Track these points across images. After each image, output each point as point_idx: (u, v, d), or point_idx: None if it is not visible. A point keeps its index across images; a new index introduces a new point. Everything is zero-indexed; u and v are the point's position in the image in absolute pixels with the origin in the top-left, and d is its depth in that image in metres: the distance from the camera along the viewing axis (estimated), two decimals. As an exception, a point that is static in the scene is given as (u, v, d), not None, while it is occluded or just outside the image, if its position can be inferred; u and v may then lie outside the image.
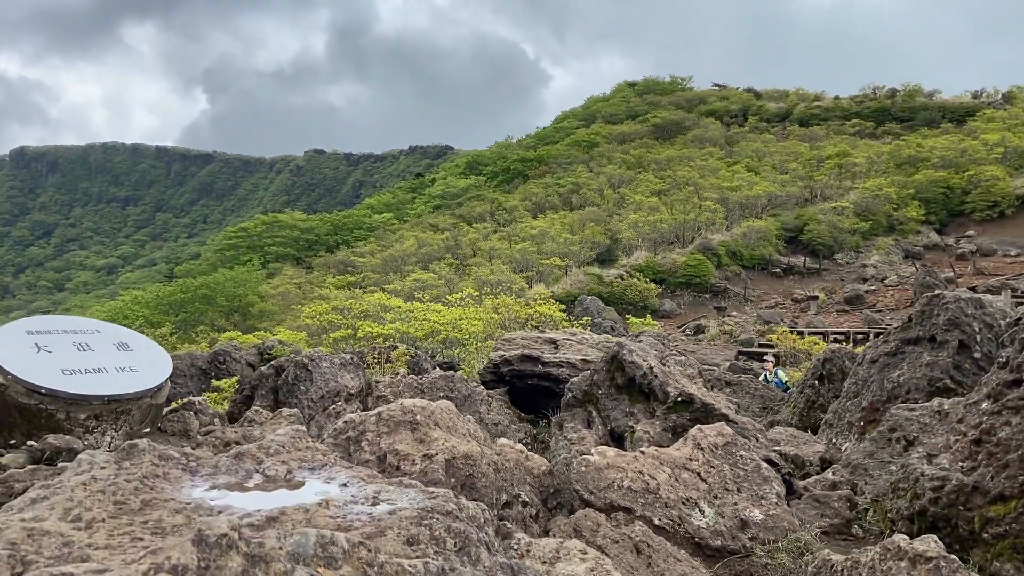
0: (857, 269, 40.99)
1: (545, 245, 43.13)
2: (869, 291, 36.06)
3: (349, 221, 78.87)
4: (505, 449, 4.29)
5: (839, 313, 33.29)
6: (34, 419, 4.23)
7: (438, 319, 13.51)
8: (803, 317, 32.49)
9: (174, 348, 27.60)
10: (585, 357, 8.84)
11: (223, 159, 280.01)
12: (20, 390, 4.19)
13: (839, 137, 65.62)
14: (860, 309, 33.29)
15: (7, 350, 4.27)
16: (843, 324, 30.36)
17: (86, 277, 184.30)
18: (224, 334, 27.05)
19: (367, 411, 4.07)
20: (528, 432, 8.61)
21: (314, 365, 7.76)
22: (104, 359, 4.62)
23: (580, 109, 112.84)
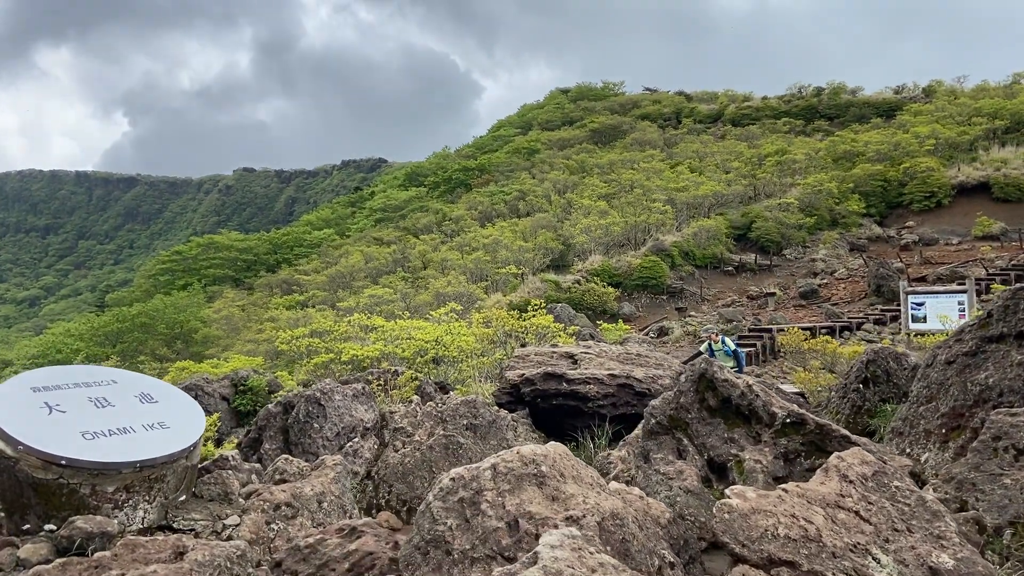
0: (806, 264, 41.57)
1: (499, 254, 42.56)
2: (822, 285, 36.51)
3: (288, 239, 77.01)
4: (626, 496, 3.66)
5: (796, 308, 33.55)
6: (53, 497, 3.43)
7: (423, 336, 12.77)
8: (763, 314, 32.64)
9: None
10: (611, 372, 8.26)
11: (148, 182, 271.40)
12: (34, 463, 3.39)
13: (775, 135, 66.96)
14: (816, 303, 33.63)
15: (12, 414, 3.46)
16: (804, 319, 30.56)
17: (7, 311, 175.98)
18: (175, 364, 25.62)
19: (474, 464, 3.38)
20: (558, 457, 8.01)
21: (327, 399, 6.99)
22: (128, 416, 3.83)
23: (516, 117, 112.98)
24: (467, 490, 3.19)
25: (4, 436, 3.36)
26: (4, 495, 3.42)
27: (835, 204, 47.09)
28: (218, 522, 3.85)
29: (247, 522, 3.87)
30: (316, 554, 3.62)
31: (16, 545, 3.26)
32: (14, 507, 3.40)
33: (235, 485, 4.19)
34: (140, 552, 3.17)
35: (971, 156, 49.51)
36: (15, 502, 3.39)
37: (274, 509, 4.04)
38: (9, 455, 3.35)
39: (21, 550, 3.20)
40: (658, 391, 8.27)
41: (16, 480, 3.36)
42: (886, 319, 27.84)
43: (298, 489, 4.25)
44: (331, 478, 4.57)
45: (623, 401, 8.16)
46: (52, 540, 3.29)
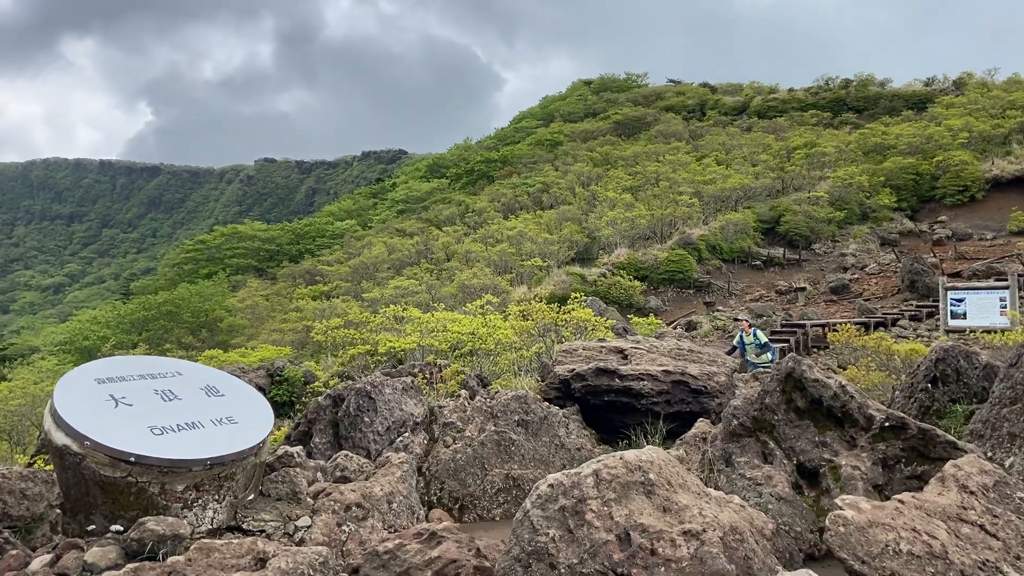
0: (836, 258, 40.94)
1: (523, 246, 42.26)
2: (853, 280, 35.92)
3: (311, 229, 77.07)
4: (728, 506, 3.40)
5: (827, 303, 33.03)
6: (120, 496, 3.22)
7: (459, 329, 12.54)
8: (793, 309, 32.15)
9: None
10: (665, 368, 7.99)
11: (170, 171, 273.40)
12: (102, 460, 3.18)
13: (802, 128, 66.05)
14: (848, 298, 33.09)
15: (78, 407, 3.26)
16: (835, 314, 30.06)
17: (32, 297, 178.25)
18: (202, 352, 25.59)
19: (574, 470, 3.13)
20: (611, 454, 7.75)
21: (377, 393, 6.77)
22: (196, 410, 3.63)
23: (537, 109, 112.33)
24: (568, 498, 2.94)
25: (70, 431, 3.17)
26: (68, 493, 3.23)
27: (865, 198, 46.34)
28: (289, 523, 3.64)
29: (319, 524, 3.65)
30: (396, 560, 3.40)
31: (82, 548, 3.07)
32: (78, 507, 3.20)
33: (303, 484, 3.98)
34: (216, 557, 2.96)
35: (1005, 150, 48.51)
36: (80, 501, 3.19)
37: (345, 510, 3.82)
38: (75, 451, 3.15)
39: (88, 553, 3.00)
40: (714, 388, 7.99)
41: (82, 478, 3.16)
42: (921, 315, 27.30)
43: (368, 489, 4.03)
44: (398, 477, 4.34)
45: (677, 398, 7.89)
46: (120, 543, 3.09)
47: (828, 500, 4.25)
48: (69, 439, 3.16)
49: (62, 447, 3.17)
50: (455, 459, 6.81)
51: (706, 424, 7.44)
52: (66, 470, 3.20)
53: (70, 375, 3.52)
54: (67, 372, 3.50)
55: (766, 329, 27.56)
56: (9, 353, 48.62)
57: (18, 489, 3.99)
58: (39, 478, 3.99)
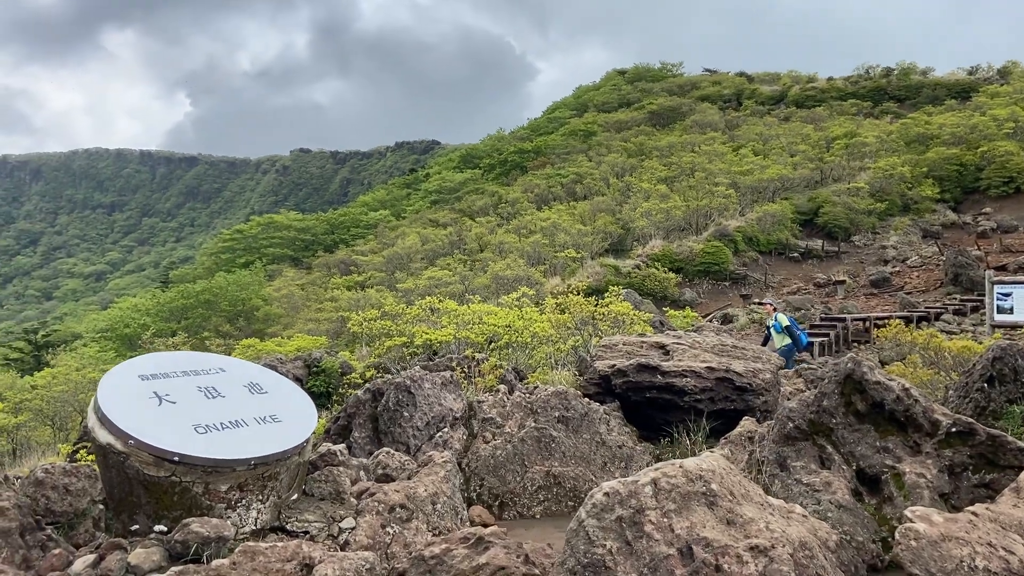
0: (877, 251, 40.12)
1: (557, 237, 42.05)
2: (894, 272, 35.17)
3: (346, 219, 77.59)
4: (790, 516, 3.24)
5: (867, 297, 32.38)
6: (164, 496, 3.17)
7: (494, 321, 12.43)
8: (832, 302, 31.57)
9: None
10: (709, 364, 7.80)
11: (208, 161, 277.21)
12: (146, 459, 3.13)
13: (842, 118, 64.75)
14: (888, 292, 32.40)
15: (122, 405, 3.20)
16: (876, 308, 29.46)
17: (74, 285, 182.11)
18: (239, 341, 25.85)
19: (630, 479, 3.00)
20: (652, 454, 7.58)
21: (417, 387, 6.70)
22: (239, 407, 3.56)
23: (571, 99, 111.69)
24: (625, 508, 2.81)
25: (114, 429, 3.11)
26: (112, 492, 3.18)
27: (907, 189, 45.35)
28: (332, 524, 3.56)
29: (363, 525, 3.57)
30: (442, 566, 3.30)
31: (125, 548, 3.01)
32: (122, 506, 3.15)
33: (346, 483, 3.90)
34: (261, 561, 2.88)
35: (1054, 140, 47.12)
36: (123, 500, 3.14)
37: (389, 511, 3.74)
38: (119, 450, 3.09)
39: (131, 555, 2.95)
40: (759, 386, 7.79)
41: (125, 477, 3.11)
42: (966, 309, 26.63)
43: (412, 489, 3.94)
44: (442, 476, 4.25)
45: (721, 396, 7.70)
46: (164, 544, 3.03)
47: (891, 509, 4.07)
48: (113, 437, 3.11)
49: (106, 445, 3.12)
50: (495, 455, 6.71)
51: (751, 423, 7.25)
52: (110, 469, 3.15)
53: (114, 371, 3.47)
54: (111, 367, 3.45)
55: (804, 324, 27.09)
56: (52, 340, 49.66)
57: (61, 484, 3.97)
58: (82, 473, 3.96)
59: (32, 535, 3.41)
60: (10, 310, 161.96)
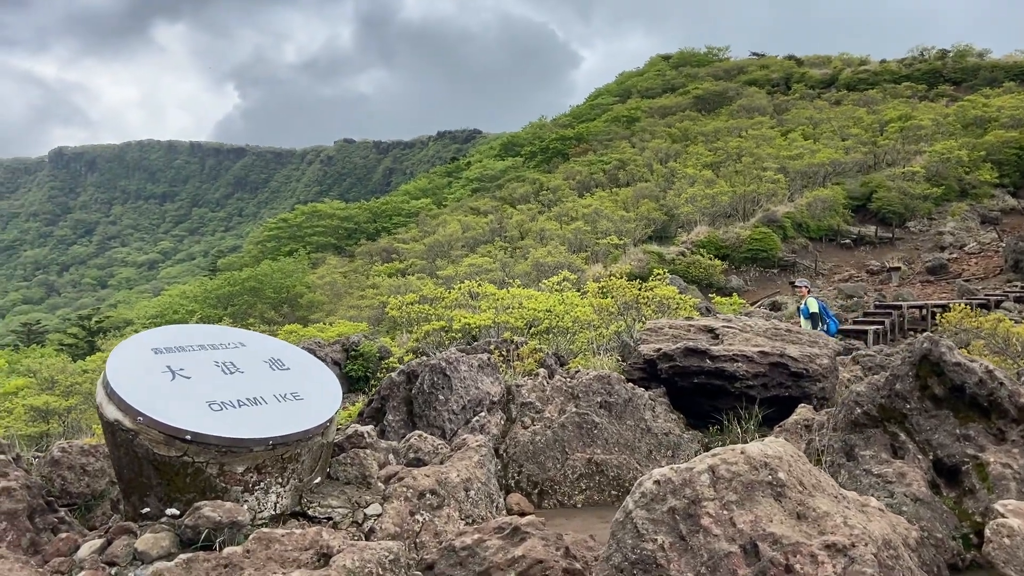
0: (932, 237, 38.76)
1: (599, 224, 41.51)
2: (951, 259, 33.92)
3: (388, 208, 77.94)
4: (866, 509, 2.88)
5: (923, 284, 31.28)
6: (176, 477, 2.94)
7: (535, 305, 12.12)
8: (886, 289, 30.56)
9: (232, 344, 26.59)
10: (761, 349, 7.39)
11: (255, 152, 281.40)
12: (156, 437, 2.90)
13: (897, 101, 62.72)
14: (945, 279, 31.26)
15: (132, 379, 2.98)
16: (933, 295, 28.42)
17: (128, 273, 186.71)
18: (283, 327, 26.00)
19: (684, 465, 2.66)
20: (700, 442, 7.21)
21: (452, 370, 6.42)
22: (258, 384, 3.31)
23: (614, 85, 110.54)
24: (679, 498, 2.48)
25: (123, 405, 2.89)
26: (121, 473, 2.97)
27: (965, 173, 43.69)
28: (358, 510, 3.30)
29: (390, 512, 3.30)
30: (474, 558, 3.01)
31: (134, 533, 2.80)
32: (132, 487, 2.94)
33: (373, 467, 3.63)
34: (276, 549, 2.62)
35: (1120, 122, 44.96)
36: (133, 481, 2.92)
37: (418, 497, 3.46)
38: (128, 427, 2.87)
39: (139, 540, 2.72)
40: (816, 372, 7.36)
41: (135, 456, 2.88)
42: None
43: (443, 474, 3.66)
44: (476, 461, 3.96)
45: (775, 382, 7.29)
46: (174, 529, 2.81)
47: (972, 502, 3.67)
48: (121, 413, 2.89)
49: (113, 422, 2.90)
50: (534, 441, 6.42)
51: (808, 410, 6.84)
52: (118, 447, 2.94)
53: (126, 343, 3.26)
54: (123, 340, 3.24)
55: (857, 312, 26.22)
56: (105, 326, 50.86)
57: (78, 464, 3.79)
58: (101, 453, 3.77)
59: (42, 517, 3.22)
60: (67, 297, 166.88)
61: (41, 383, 24.79)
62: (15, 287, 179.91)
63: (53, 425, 19.49)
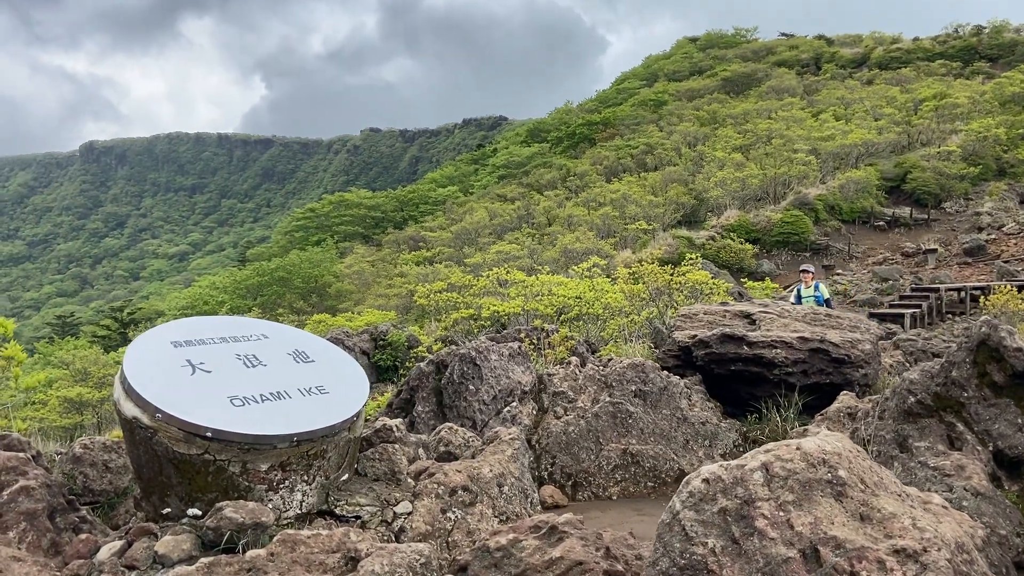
0: (970, 218, 37.81)
1: (627, 209, 41.12)
2: (989, 240, 33.06)
3: (414, 196, 78.05)
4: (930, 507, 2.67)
5: (960, 266, 30.53)
6: (197, 476, 2.82)
7: (564, 292, 11.93)
8: (922, 271, 29.89)
9: (262, 334, 26.72)
10: (801, 335, 7.13)
11: (282, 143, 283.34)
12: (175, 435, 2.77)
13: (931, 79, 61.26)
14: (984, 260, 30.47)
15: (151, 374, 2.86)
16: (971, 277, 27.73)
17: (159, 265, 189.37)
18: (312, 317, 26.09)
19: (734, 462, 2.47)
20: (738, 431, 6.99)
21: (482, 359, 6.27)
22: (282, 377, 3.18)
23: (640, 69, 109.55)
24: (730, 498, 2.30)
25: (140, 401, 2.77)
26: (140, 472, 2.85)
27: (1003, 152, 42.57)
28: (387, 508, 3.15)
29: (420, 510, 3.15)
30: (510, 559, 2.86)
31: (155, 535, 2.68)
32: (152, 486, 2.82)
33: (403, 462, 3.49)
34: (302, 552, 2.49)
35: None
36: (153, 481, 2.81)
37: (450, 494, 3.31)
38: (146, 424, 2.75)
39: (159, 543, 2.60)
40: (858, 358, 7.09)
41: (154, 455, 2.76)
42: (1072, 279, 24.75)
43: (475, 470, 3.50)
44: (509, 455, 3.80)
45: (816, 368, 7.04)
46: (196, 530, 2.69)
47: (1039, 498, 3.43)
48: (139, 410, 2.77)
49: (131, 419, 2.78)
50: (567, 432, 6.25)
51: (851, 398, 6.59)
52: (136, 445, 2.82)
53: (144, 337, 3.13)
54: (142, 334, 3.12)
55: (892, 295, 25.65)
56: (137, 317, 51.53)
57: (100, 461, 3.70)
58: (123, 449, 3.67)
59: (63, 517, 3.12)
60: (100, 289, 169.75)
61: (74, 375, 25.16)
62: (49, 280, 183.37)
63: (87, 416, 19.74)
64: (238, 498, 2.82)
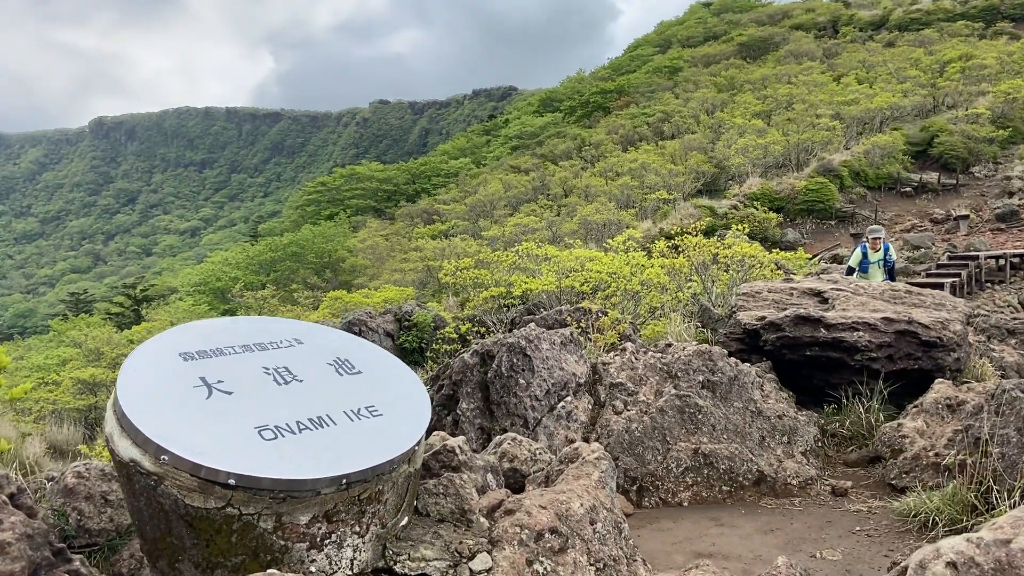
0: (1000, 182, 36.57)
1: (646, 179, 40.11)
2: (1022, 205, 31.93)
3: (426, 169, 77.12)
4: None
5: (993, 232, 29.48)
6: (217, 536, 2.11)
7: (599, 268, 11.16)
8: (954, 238, 28.88)
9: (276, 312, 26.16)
10: (884, 315, 6.36)
11: (291, 116, 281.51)
12: (186, 482, 2.06)
13: (955, 40, 59.47)
14: (1017, 226, 29.42)
15: (153, 400, 2.14)
16: (1006, 243, 26.75)
17: (171, 241, 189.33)
18: (327, 293, 25.43)
19: (989, 536, 1.73)
20: (817, 425, 6.25)
21: (533, 349, 5.53)
22: (322, 396, 2.46)
23: (653, 35, 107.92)
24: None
25: (140, 438, 2.06)
26: (144, 531, 2.16)
27: (1033, 114, 41.15)
28: (461, 564, 2.44)
29: (503, 564, 2.44)
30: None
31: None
32: (159, 549, 2.12)
33: (472, 496, 2.77)
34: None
35: None
36: (160, 542, 2.11)
37: (535, 539, 2.60)
38: (148, 469, 2.04)
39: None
40: (950, 340, 6.31)
41: (159, 508, 2.06)
42: (1114, 245, 23.76)
43: (564, 505, 2.78)
44: (596, 480, 3.08)
45: (903, 353, 6.27)
46: (220, 610, 2.00)
47: None
48: (138, 451, 2.06)
49: (129, 462, 2.07)
50: (629, 430, 5.53)
51: (948, 387, 5.83)
52: (137, 496, 2.12)
53: (145, 347, 2.39)
54: (142, 343, 2.39)
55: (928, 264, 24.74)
56: (150, 294, 51.12)
57: (98, 493, 3.01)
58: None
59: (49, 573, 2.42)
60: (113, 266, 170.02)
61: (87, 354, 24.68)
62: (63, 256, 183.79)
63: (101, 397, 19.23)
64: (271, 561, 2.12)
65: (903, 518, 4.82)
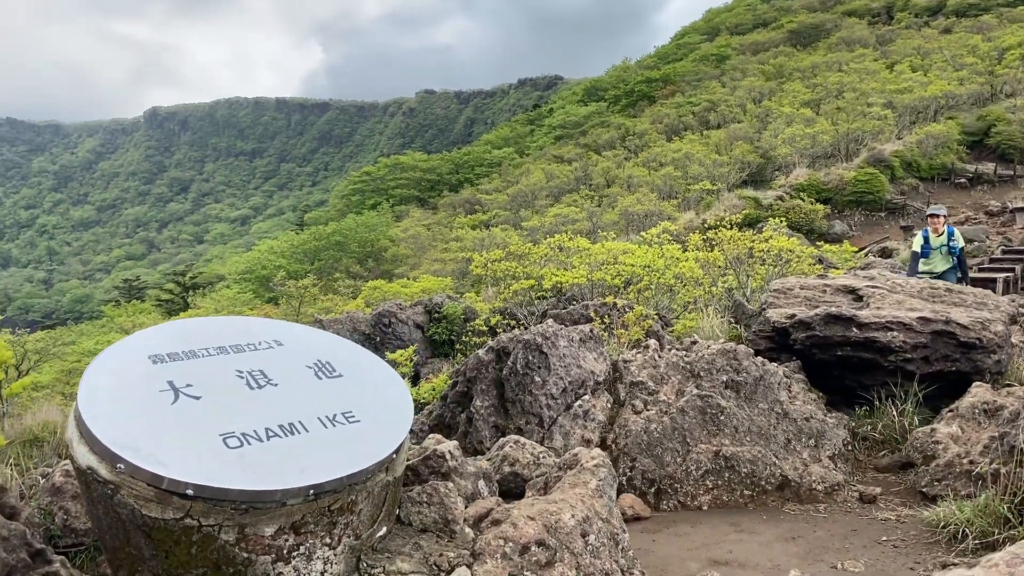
0: (1061, 174, 35.16)
1: (689, 169, 39.49)
2: (1085, 198, 30.63)
3: (470, 158, 77.16)
4: None
5: (1054, 226, 28.31)
6: (176, 548, 2.04)
7: (631, 261, 10.95)
8: (1010, 232, 27.83)
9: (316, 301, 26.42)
10: (921, 315, 6.08)
11: (339, 107, 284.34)
12: (144, 492, 1.99)
13: (1016, 25, 57.23)
14: (1080, 220, 28.20)
15: (114, 405, 2.08)
16: (1067, 239, 25.63)
17: (222, 229, 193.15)
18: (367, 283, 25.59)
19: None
20: (848, 428, 6.00)
21: (550, 346, 5.40)
22: (297, 401, 2.38)
23: (701, 23, 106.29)
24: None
25: (97, 446, 2.00)
26: (104, 540, 2.11)
27: (1100, 102, 39.44)
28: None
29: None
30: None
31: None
32: (119, 559, 2.06)
33: (458, 506, 2.67)
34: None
35: None
36: (119, 551, 2.05)
37: (520, 552, 2.49)
38: (104, 478, 1.98)
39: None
40: (990, 342, 6.01)
41: (117, 518, 2.00)
42: None
43: (553, 515, 2.66)
44: (593, 489, 2.95)
45: (940, 354, 5.99)
46: (176, 624, 1.93)
47: None
48: (95, 458, 2.00)
49: (86, 469, 2.01)
50: (648, 430, 5.38)
51: (986, 390, 5.55)
52: (95, 504, 2.06)
53: (114, 349, 2.33)
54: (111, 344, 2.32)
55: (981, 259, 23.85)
56: (199, 281, 52.17)
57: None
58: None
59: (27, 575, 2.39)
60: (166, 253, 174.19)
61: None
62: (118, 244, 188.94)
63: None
64: (234, 574, 2.05)
65: (932, 528, 4.59)
